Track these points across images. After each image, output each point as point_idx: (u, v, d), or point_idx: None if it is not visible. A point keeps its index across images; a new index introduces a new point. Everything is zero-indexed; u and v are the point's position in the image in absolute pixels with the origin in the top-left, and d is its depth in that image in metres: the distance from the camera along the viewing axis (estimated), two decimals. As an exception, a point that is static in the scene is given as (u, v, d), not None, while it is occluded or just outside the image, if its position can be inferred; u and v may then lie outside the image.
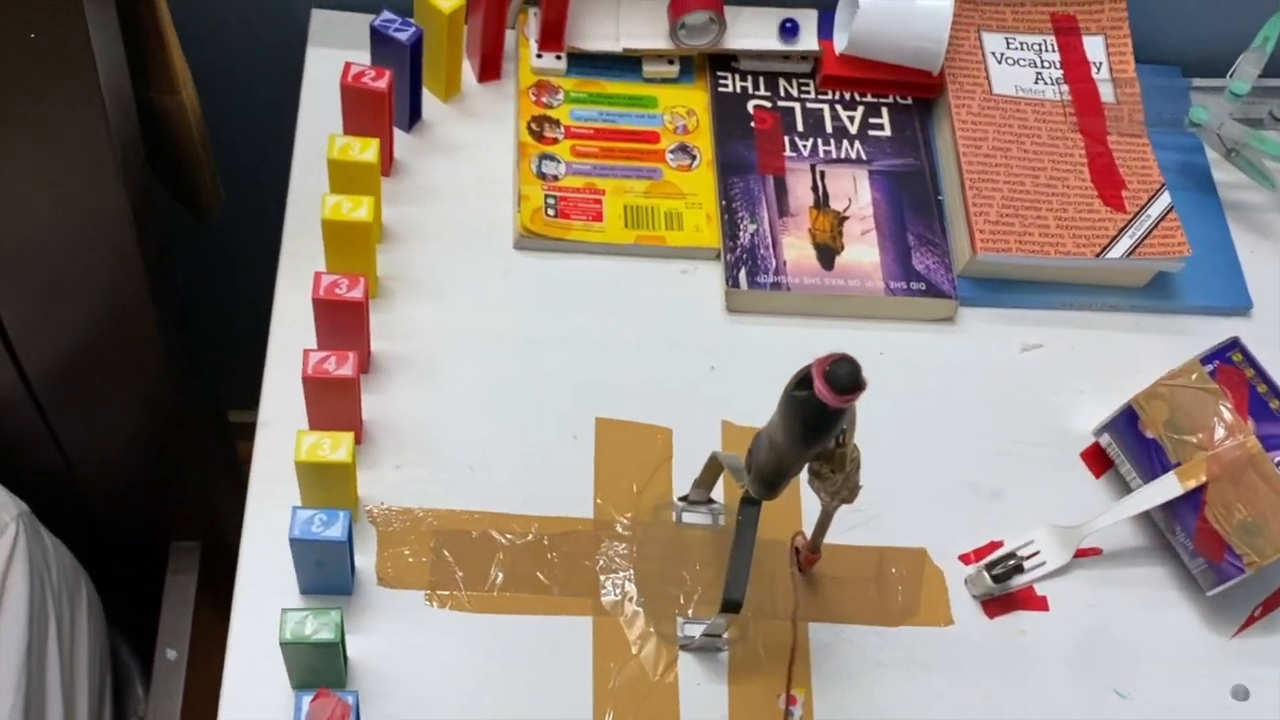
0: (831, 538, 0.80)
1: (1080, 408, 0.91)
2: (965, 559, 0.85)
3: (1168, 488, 0.81)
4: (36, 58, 0.68)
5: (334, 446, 0.73)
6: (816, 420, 0.60)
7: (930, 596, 0.84)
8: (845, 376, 0.57)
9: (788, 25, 0.97)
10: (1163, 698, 0.82)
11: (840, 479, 0.66)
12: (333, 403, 0.77)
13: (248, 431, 1.33)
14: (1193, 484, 0.80)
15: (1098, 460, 0.89)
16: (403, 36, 0.87)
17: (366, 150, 0.82)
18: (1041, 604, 0.84)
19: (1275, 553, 0.78)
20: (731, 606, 0.74)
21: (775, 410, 0.64)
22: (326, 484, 0.75)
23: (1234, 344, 0.85)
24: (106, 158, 0.76)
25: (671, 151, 0.95)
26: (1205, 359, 0.84)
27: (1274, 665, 0.84)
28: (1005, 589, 0.84)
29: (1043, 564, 0.85)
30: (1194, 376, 0.83)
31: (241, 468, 1.32)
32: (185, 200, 0.98)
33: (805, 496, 0.85)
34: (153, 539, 1.17)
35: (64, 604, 1.00)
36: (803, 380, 0.60)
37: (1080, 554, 0.86)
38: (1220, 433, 0.81)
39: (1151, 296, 0.96)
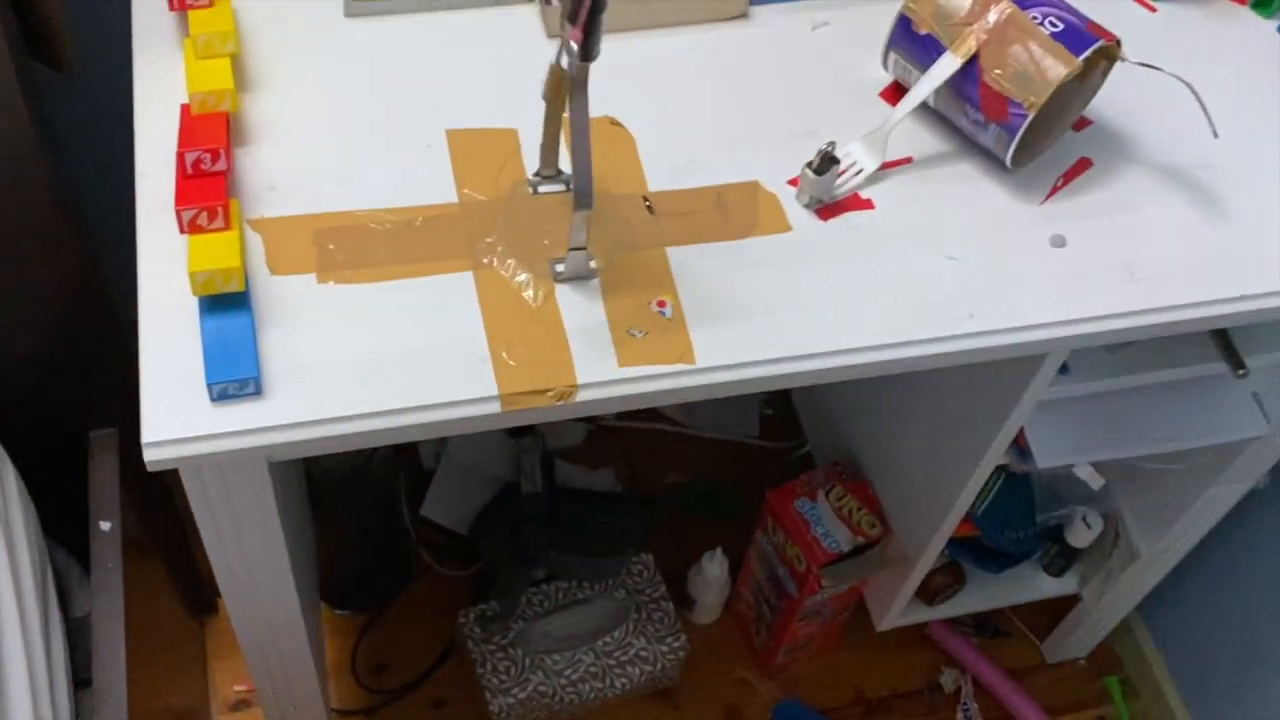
0: (671, 185, 0.91)
1: (873, 63, 1.03)
2: (793, 182, 0.95)
3: (947, 65, 0.93)
4: None
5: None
6: None
7: (768, 213, 0.93)
8: None
9: None
10: (991, 255, 0.92)
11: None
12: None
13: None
14: (965, 54, 0.92)
15: (895, 94, 1.00)
16: None
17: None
18: (868, 204, 0.95)
19: (1047, 89, 0.90)
20: (584, 201, 0.82)
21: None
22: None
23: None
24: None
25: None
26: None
27: (1081, 219, 0.95)
28: (832, 196, 0.93)
29: (859, 171, 0.95)
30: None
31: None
32: (40, 54, 1.05)
33: (644, 157, 0.94)
34: (69, 431, 1.20)
35: None
36: None
37: (892, 164, 0.96)
38: (979, 6, 0.92)
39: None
